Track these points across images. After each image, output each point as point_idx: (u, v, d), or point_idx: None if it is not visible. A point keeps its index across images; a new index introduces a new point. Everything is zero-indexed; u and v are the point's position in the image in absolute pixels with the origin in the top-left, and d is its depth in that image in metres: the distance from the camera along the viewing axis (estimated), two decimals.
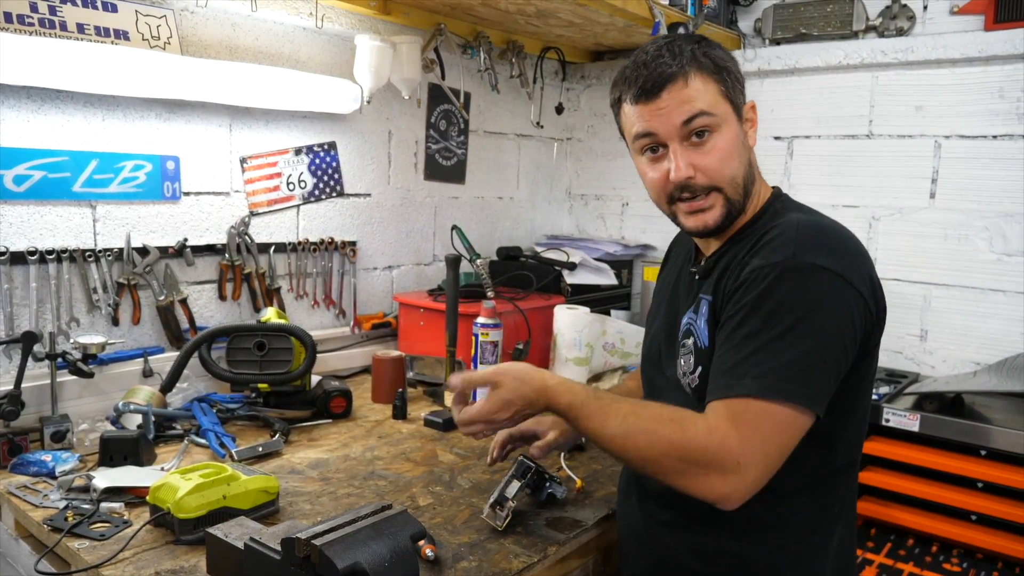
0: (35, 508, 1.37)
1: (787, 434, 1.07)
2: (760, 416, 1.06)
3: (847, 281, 1.09)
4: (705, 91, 1.17)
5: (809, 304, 1.08)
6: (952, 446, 2.01)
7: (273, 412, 1.87)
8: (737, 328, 1.11)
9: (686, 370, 1.26)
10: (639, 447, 1.11)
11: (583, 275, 2.72)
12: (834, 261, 1.09)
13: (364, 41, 2.19)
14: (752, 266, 1.13)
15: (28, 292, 1.74)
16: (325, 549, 0.92)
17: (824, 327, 1.07)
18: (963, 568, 1.97)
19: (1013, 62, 2.26)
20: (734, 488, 1.05)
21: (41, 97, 1.73)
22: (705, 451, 1.06)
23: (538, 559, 1.27)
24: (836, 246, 1.13)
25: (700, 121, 1.17)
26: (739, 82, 1.22)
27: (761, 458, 1.06)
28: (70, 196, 1.80)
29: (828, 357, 1.08)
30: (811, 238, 1.13)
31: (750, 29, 2.77)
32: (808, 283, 1.08)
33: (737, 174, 1.21)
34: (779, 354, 1.06)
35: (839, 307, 1.08)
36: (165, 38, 1.89)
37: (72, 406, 1.76)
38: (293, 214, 2.28)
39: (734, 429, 1.05)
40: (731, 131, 1.20)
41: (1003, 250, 2.33)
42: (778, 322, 1.07)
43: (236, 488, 1.31)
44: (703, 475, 1.06)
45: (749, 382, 1.06)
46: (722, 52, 1.22)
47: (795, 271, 1.09)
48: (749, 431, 1.05)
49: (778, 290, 1.09)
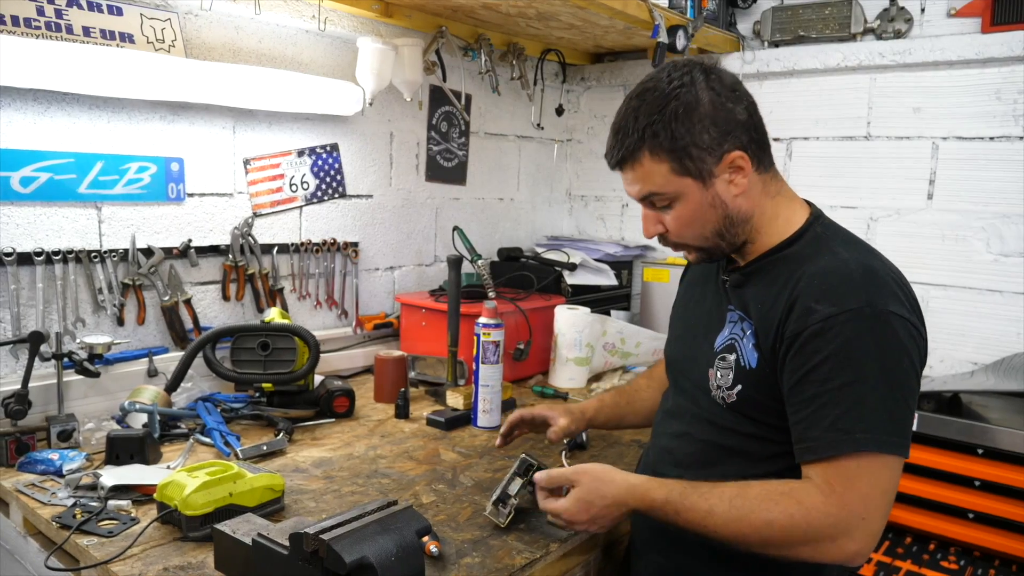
0: (43, 506, 1.38)
1: (896, 481, 1.13)
2: (877, 472, 1.10)
3: (913, 324, 1.14)
4: (656, 172, 1.21)
5: (894, 353, 1.11)
6: (950, 445, 2.02)
7: (277, 411, 1.89)
8: (827, 380, 1.12)
9: (722, 384, 1.27)
10: (757, 529, 1.12)
11: (583, 276, 2.73)
12: (901, 306, 1.14)
13: (366, 43, 2.21)
14: (823, 313, 1.13)
15: (35, 293, 1.76)
16: (333, 543, 0.94)
17: (908, 374, 1.13)
18: (960, 566, 1.99)
19: (1010, 64, 2.28)
20: (863, 544, 1.10)
21: (47, 99, 1.75)
22: (829, 519, 1.09)
23: (541, 555, 1.29)
24: (897, 288, 1.17)
25: (654, 199, 1.25)
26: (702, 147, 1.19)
27: (882, 509, 1.11)
28: (76, 197, 1.81)
29: (911, 401, 1.14)
30: (875, 284, 1.15)
31: (749, 31, 2.79)
32: (888, 331, 1.11)
33: (704, 232, 1.26)
34: (879, 407, 1.10)
35: (914, 352, 1.14)
36: (169, 41, 1.91)
37: (78, 405, 1.78)
38: (296, 215, 2.29)
39: (851, 490, 1.09)
40: (691, 201, 1.23)
41: (1000, 251, 2.35)
42: (869, 372, 1.10)
43: (242, 486, 1.32)
44: (830, 543, 1.09)
45: (860, 437, 1.09)
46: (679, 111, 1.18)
47: (874, 320, 1.11)
48: (868, 488, 1.09)
49: (862, 340, 1.11)
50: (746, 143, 1.21)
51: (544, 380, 2.42)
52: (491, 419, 1.93)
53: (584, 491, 1.25)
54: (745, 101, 1.23)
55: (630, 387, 1.70)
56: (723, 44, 2.75)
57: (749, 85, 2.74)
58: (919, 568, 1.98)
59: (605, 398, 1.64)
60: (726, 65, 2.85)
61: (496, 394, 1.93)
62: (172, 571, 1.18)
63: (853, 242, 1.27)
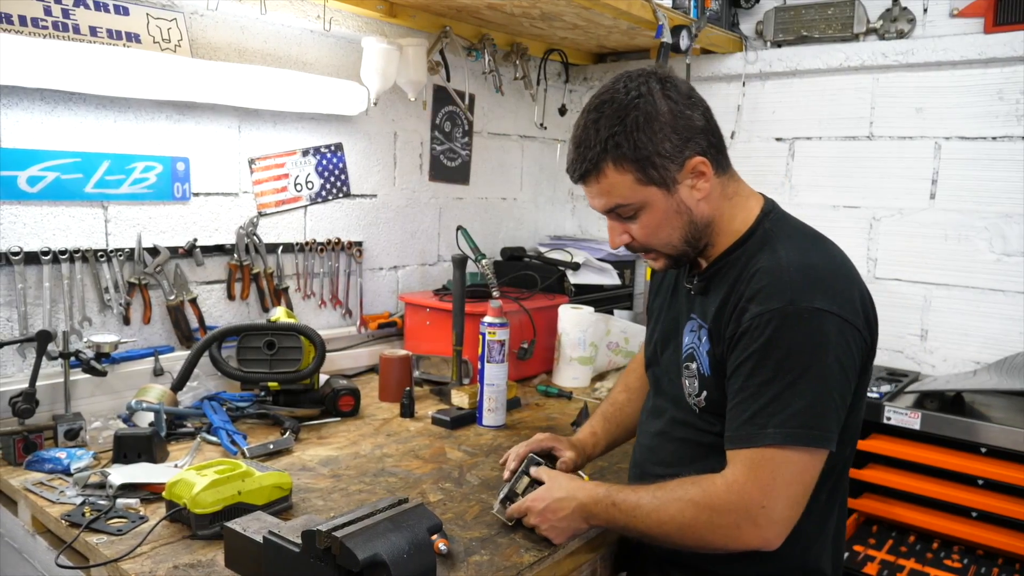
0: (52, 504, 1.39)
1: (808, 474, 1.15)
2: (780, 463, 1.13)
3: (845, 320, 1.15)
4: (620, 183, 1.23)
5: (815, 349, 1.13)
6: (953, 444, 2.03)
7: (283, 410, 1.89)
8: (750, 377, 1.17)
9: (691, 392, 1.33)
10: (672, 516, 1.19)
11: (587, 275, 2.74)
12: (830, 302, 1.15)
13: (371, 44, 2.21)
14: (752, 313, 1.17)
15: (42, 292, 1.76)
16: (346, 541, 0.94)
17: (831, 369, 1.14)
18: (964, 564, 1.99)
19: (1012, 64, 2.29)
20: (766, 532, 1.13)
21: (54, 99, 1.75)
22: (728, 504, 1.14)
23: (548, 554, 1.30)
24: (829, 284, 1.18)
25: (619, 210, 1.27)
26: (664, 155, 1.20)
27: (785, 499, 1.13)
28: (82, 197, 1.82)
29: (837, 396, 1.16)
30: (803, 280, 1.17)
31: (752, 31, 2.79)
32: (810, 328, 1.14)
33: (671, 239, 1.28)
34: (794, 401, 1.13)
35: (841, 347, 1.15)
36: (176, 41, 1.91)
37: (85, 404, 1.78)
38: (300, 214, 2.30)
39: (752, 479, 1.14)
40: (656, 209, 1.25)
41: (1003, 250, 2.35)
42: (789, 370, 1.13)
43: (251, 484, 1.33)
44: (734, 528, 1.14)
45: (771, 432, 1.13)
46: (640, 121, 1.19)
47: (795, 317, 1.14)
48: (768, 478, 1.13)
49: (783, 338, 1.14)
50: (706, 148, 1.24)
51: (548, 379, 2.43)
52: (496, 418, 1.94)
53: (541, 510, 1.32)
54: (701, 107, 1.26)
55: (612, 408, 1.68)
56: (726, 44, 2.75)
57: (752, 85, 2.79)
58: (923, 567, 1.99)
59: (596, 429, 1.64)
60: (729, 65, 2.89)
61: (501, 393, 1.94)
62: (182, 569, 1.18)
63: (798, 236, 1.29)
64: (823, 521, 1.32)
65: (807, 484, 1.15)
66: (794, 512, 1.15)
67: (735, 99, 2.82)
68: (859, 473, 2.15)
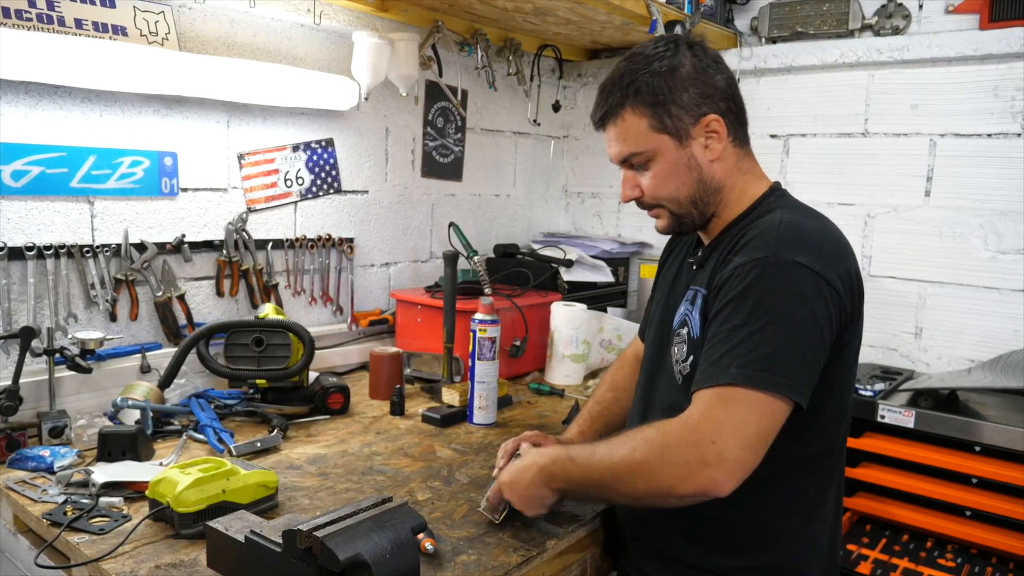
0: (34, 503, 1.37)
1: (766, 419, 1.10)
2: (736, 402, 1.10)
3: (824, 278, 1.14)
4: (636, 129, 1.27)
5: (789, 299, 1.13)
6: (947, 442, 2.02)
7: (271, 408, 1.87)
8: (724, 323, 1.16)
9: (678, 358, 1.31)
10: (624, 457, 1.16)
11: (580, 272, 2.72)
12: (812, 259, 1.14)
13: (362, 38, 2.19)
14: (735, 263, 1.18)
15: (26, 288, 1.74)
16: (327, 541, 0.92)
17: (804, 321, 1.12)
18: (957, 563, 1.98)
19: (1008, 61, 2.27)
20: (715, 472, 1.08)
21: (39, 92, 1.73)
22: (680, 439, 1.11)
23: (536, 553, 1.28)
24: (815, 244, 1.18)
25: (633, 159, 1.30)
26: (681, 106, 1.25)
27: (737, 439, 1.08)
28: (68, 192, 1.79)
29: (808, 349, 1.13)
30: (791, 236, 1.18)
31: (746, 27, 2.78)
32: (788, 279, 1.13)
33: (678, 194, 1.30)
34: (760, 346, 1.11)
35: (816, 302, 1.13)
36: (163, 34, 1.89)
37: (70, 402, 1.76)
38: (291, 211, 2.28)
39: (706, 415, 1.11)
40: (667, 159, 1.27)
41: (998, 248, 2.34)
42: (760, 316, 1.12)
43: (235, 483, 1.31)
44: (683, 465, 1.09)
45: (733, 371, 1.11)
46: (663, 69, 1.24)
47: (775, 267, 1.14)
48: (722, 415, 1.10)
49: (759, 286, 1.14)
50: (724, 110, 1.27)
51: (540, 377, 2.41)
52: (487, 416, 1.92)
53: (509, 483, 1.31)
54: (726, 73, 1.29)
55: (599, 407, 1.66)
56: (720, 40, 2.74)
57: (747, 82, 2.77)
58: (916, 566, 1.98)
59: (584, 428, 1.62)
60: None
61: (492, 391, 1.92)
62: (164, 569, 1.16)
63: (800, 207, 1.31)
64: (809, 519, 1.29)
65: (763, 429, 1.10)
66: (747, 455, 1.09)
67: None
68: (853, 471, 2.14)
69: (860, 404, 2.12)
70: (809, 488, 1.27)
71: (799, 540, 1.29)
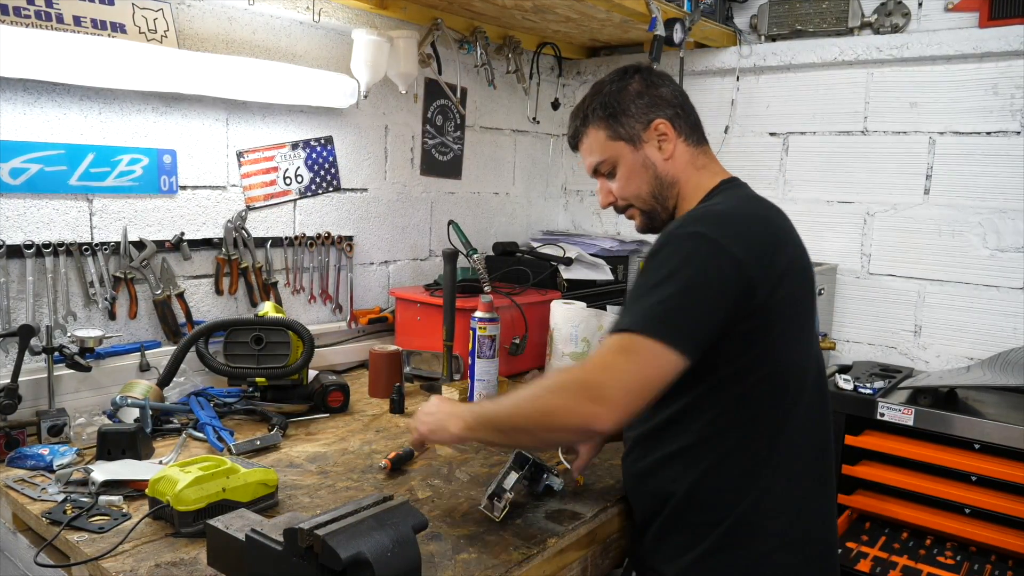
0: (33, 501, 1.36)
1: (648, 365, 1.18)
2: (625, 347, 1.19)
3: (718, 243, 1.23)
4: (597, 141, 1.48)
5: (682, 260, 1.23)
6: (946, 440, 2.02)
7: (270, 406, 1.87)
8: (633, 286, 1.30)
9: None
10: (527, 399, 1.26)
11: (579, 270, 2.72)
12: (711, 229, 1.25)
13: (361, 36, 2.19)
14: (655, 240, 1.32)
15: (25, 286, 1.74)
16: (328, 539, 0.92)
17: (694, 280, 1.21)
18: (957, 561, 1.99)
19: (1007, 59, 2.28)
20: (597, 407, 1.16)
21: (38, 90, 1.72)
22: (573, 379, 1.21)
23: (537, 551, 1.28)
24: (723, 220, 1.29)
25: (600, 168, 1.50)
26: (630, 115, 1.44)
27: (620, 381, 1.17)
28: (67, 189, 1.79)
29: (701, 307, 1.21)
30: (702, 214, 1.34)
31: (746, 25, 2.78)
32: (683, 245, 1.25)
33: (640, 191, 1.47)
34: (652, 299, 1.21)
35: (708, 263, 1.22)
36: (162, 31, 1.89)
37: (69, 400, 1.76)
38: (290, 208, 2.27)
39: (597, 357, 1.21)
40: (626, 162, 1.46)
41: (997, 246, 2.34)
42: (655, 276, 1.23)
43: (235, 481, 1.31)
44: (573, 400, 1.18)
45: (626, 320, 1.21)
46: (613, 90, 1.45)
47: (676, 237, 1.27)
48: (611, 357, 1.19)
49: (662, 252, 1.26)
50: (671, 116, 1.44)
51: (540, 375, 2.41)
52: None
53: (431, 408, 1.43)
54: (672, 87, 1.48)
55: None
56: (720, 38, 2.74)
57: (746, 80, 2.78)
58: (916, 563, 1.98)
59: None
60: (723, 59, 2.88)
61: (492, 389, 1.92)
62: (164, 567, 1.16)
63: (740, 196, 1.42)
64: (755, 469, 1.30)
65: (647, 377, 1.18)
66: (629, 400, 1.16)
67: (729, 93, 2.80)
68: (852, 469, 2.14)
69: (859, 402, 2.12)
70: (760, 451, 1.30)
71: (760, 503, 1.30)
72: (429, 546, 1.25)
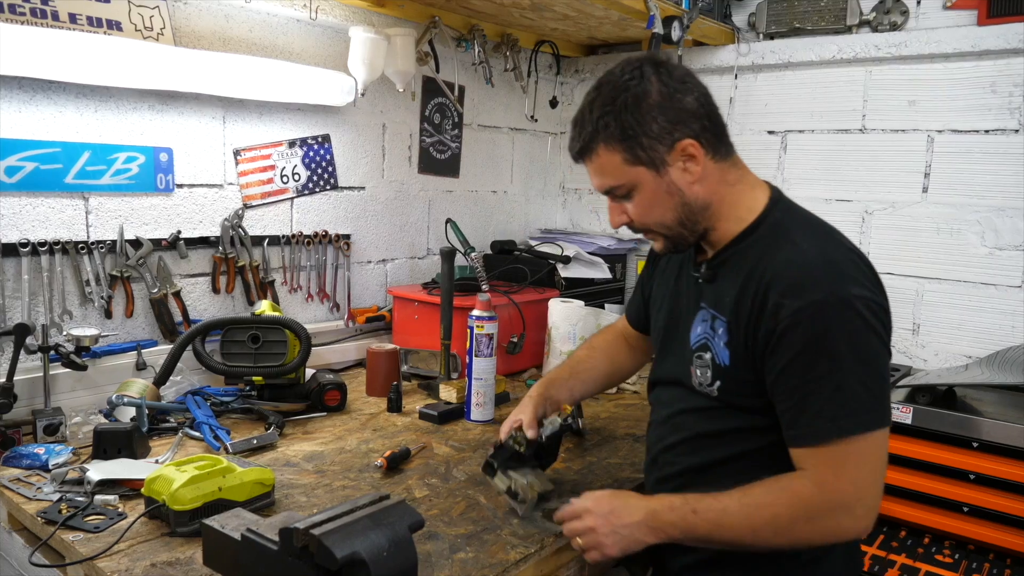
0: (28, 501, 1.36)
1: (884, 454, 1.17)
2: (862, 454, 1.15)
3: (876, 303, 1.18)
4: (610, 163, 1.26)
5: (862, 334, 1.15)
6: (944, 438, 2.02)
7: (267, 405, 1.86)
8: (806, 371, 1.16)
9: (703, 381, 1.31)
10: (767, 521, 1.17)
11: (577, 269, 2.72)
12: (863, 288, 1.18)
13: (358, 33, 2.18)
14: (791, 308, 1.16)
15: (20, 284, 1.73)
16: (324, 538, 0.92)
17: (878, 350, 1.17)
18: (955, 559, 1.98)
19: (1005, 57, 2.27)
20: (862, 522, 1.15)
21: (33, 88, 1.72)
22: (826, 504, 1.15)
23: (535, 550, 1.28)
24: (857, 271, 1.20)
25: (615, 192, 1.30)
26: (652, 136, 1.22)
27: (874, 487, 1.16)
28: (62, 188, 1.78)
29: (886, 373, 1.20)
30: (836, 270, 1.18)
31: (744, 23, 2.77)
32: (852, 315, 1.15)
33: (664, 219, 1.29)
34: (857, 389, 1.14)
35: (879, 327, 1.18)
36: (158, 29, 1.88)
37: (65, 399, 1.75)
38: (287, 207, 2.27)
39: (840, 474, 1.14)
40: (647, 189, 1.26)
41: (995, 244, 2.34)
42: (843, 359, 1.14)
43: (232, 480, 1.30)
44: (833, 524, 1.15)
45: (843, 424, 1.14)
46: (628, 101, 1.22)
47: (839, 307, 1.15)
48: (854, 470, 1.14)
49: (832, 328, 1.14)
50: (698, 131, 1.24)
51: (538, 373, 2.41)
52: (484, 412, 1.92)
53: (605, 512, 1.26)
54: (696, 92, 1.25)
55: (571, 360, 1.73)
56: (718, 36, 2.73)
57: (744, 78, 2.77)
58: (914, 562, 1.98)
59: (552, 377, 1.65)
60: (721, 57, 2.87)
61: (490, 387, 1.91)
62: (160, 567, 1.16)
63: (812, 227, 1.30)
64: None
65: (885, 464, 1.18)
66: (881, 492, 1.17)
67: (727, 91, 2.79)
68: None
69: None
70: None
71: None
72: (426, 545, 1.25)
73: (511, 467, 1.42)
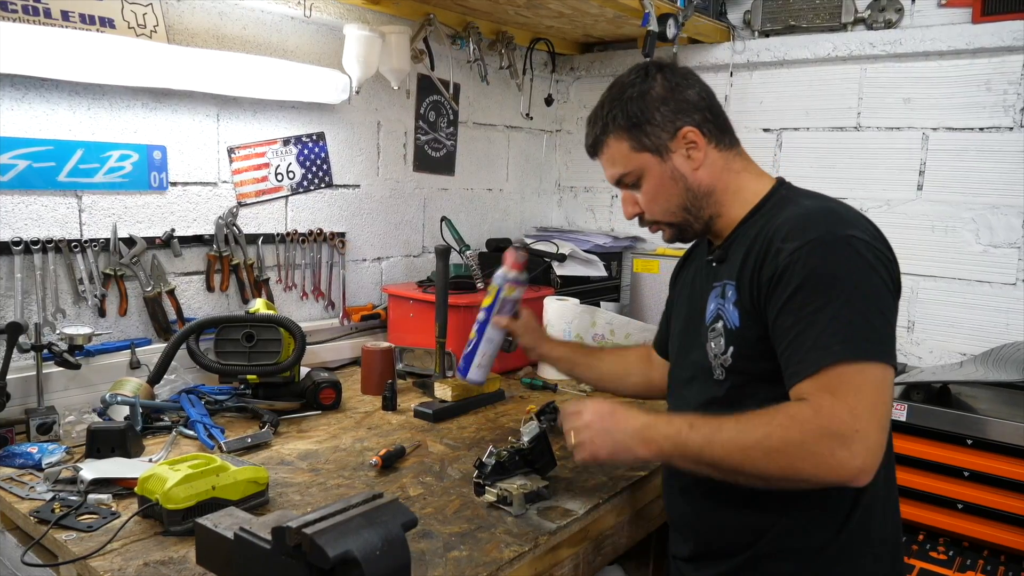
0: (21, 500, 1.35)
1: (885, 391, 1.11)
2: (859, 382, 1.09)
3: (879, 249, 1.18)
4: (619, 152, 1.36)
5: (861, 270, 1.14)
6: (939, 436, 2.02)
7: (262, 404, 1.86)
8: (802, 308, 1.15)
9: (717, 352, 1.31)
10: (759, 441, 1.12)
11: (573, 267, 2.72)
12: (864, 233, 1.18)
13: (353, 31, 2.17)
14: (789, 249, 1.17)
15: (13, 283, 1.72)
16: (316, 537, 0.91)
17: (879, 289, 1.15)
18: (949, 556, 1.99)
19: (1000, 55, 2.27)
20: (862, 457, 1.07)
21: (25, 85, 1.71)
22: (821, 429, 1.08)
23: (529, 548, 1.27)
24: (859, 222, 1.21)
25: (624, 180, 1.39)
26: (655, 124, 1.32)
27: (874, 419, 1.09)
28: (55, 186, 1.77)
29: (890, 316, 1.17)
30: (833, 217, 1.21)
31: (739, 21, 2.77)
32: (850, 252, 1.15)
33: (670, 204, 1.36)
34: (853, 318, 1.11)
35: (881, 270, 1.16)
36: (151, 26, 1.87)
37: (58, 398, 1.74)
38: (281, 205, 2.26)
39: (838, 400, 1.08)
40: (653, 175, 1.35)
41: (989, 242, 2.34)
42: (840, 290, 1.13)
43: (225, 479, 1.30)
44: (826, 451, 1.08)
45: (838, 349, 1.10)
46: (634, 95, 1.33)
47: (835, 243, 1.15)
48: (852, 398, 1.08)
49: (828, 263, 1.15)
50: (699, 121, 1.33)
51: (533, 371, 2.40)
52: (481, 375, 1.84)
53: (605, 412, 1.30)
54: (697, 87, 1.36)
55: (596, 347, 1.77)
56: (713, 33, 2.73)
57: (739, 75, 2.77)
58: (908, 559, 1.98)
59: (568, 342, 1.72)
60: (716, 55, 2.87)
61: (495, 351, 1.85)
62: (153, 566, 1.15)
63: (817, 195, 1.33)
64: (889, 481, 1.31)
65: (888, 404, 1.12)
66: (883, 437, 1.09)
67: (722, 89, 2.79)
68: None
69: None
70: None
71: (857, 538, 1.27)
72: (420, 544, 1.25)
73: (499, 479, 1.43)
